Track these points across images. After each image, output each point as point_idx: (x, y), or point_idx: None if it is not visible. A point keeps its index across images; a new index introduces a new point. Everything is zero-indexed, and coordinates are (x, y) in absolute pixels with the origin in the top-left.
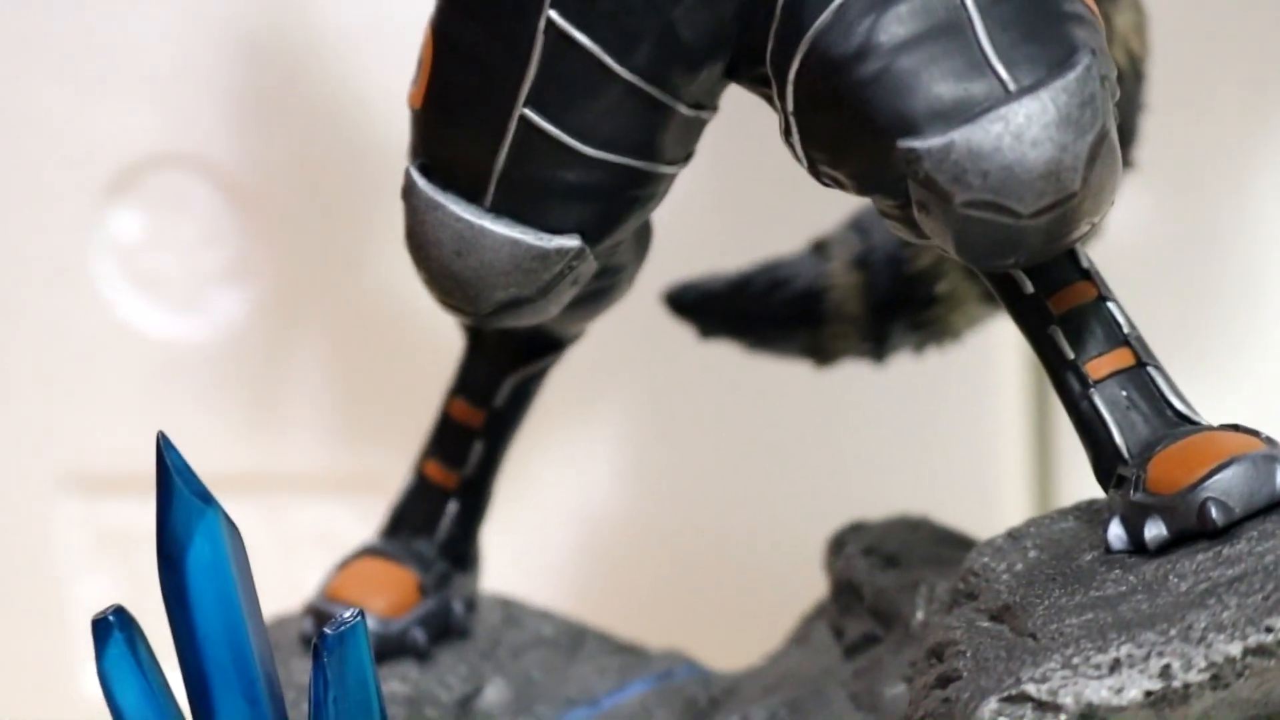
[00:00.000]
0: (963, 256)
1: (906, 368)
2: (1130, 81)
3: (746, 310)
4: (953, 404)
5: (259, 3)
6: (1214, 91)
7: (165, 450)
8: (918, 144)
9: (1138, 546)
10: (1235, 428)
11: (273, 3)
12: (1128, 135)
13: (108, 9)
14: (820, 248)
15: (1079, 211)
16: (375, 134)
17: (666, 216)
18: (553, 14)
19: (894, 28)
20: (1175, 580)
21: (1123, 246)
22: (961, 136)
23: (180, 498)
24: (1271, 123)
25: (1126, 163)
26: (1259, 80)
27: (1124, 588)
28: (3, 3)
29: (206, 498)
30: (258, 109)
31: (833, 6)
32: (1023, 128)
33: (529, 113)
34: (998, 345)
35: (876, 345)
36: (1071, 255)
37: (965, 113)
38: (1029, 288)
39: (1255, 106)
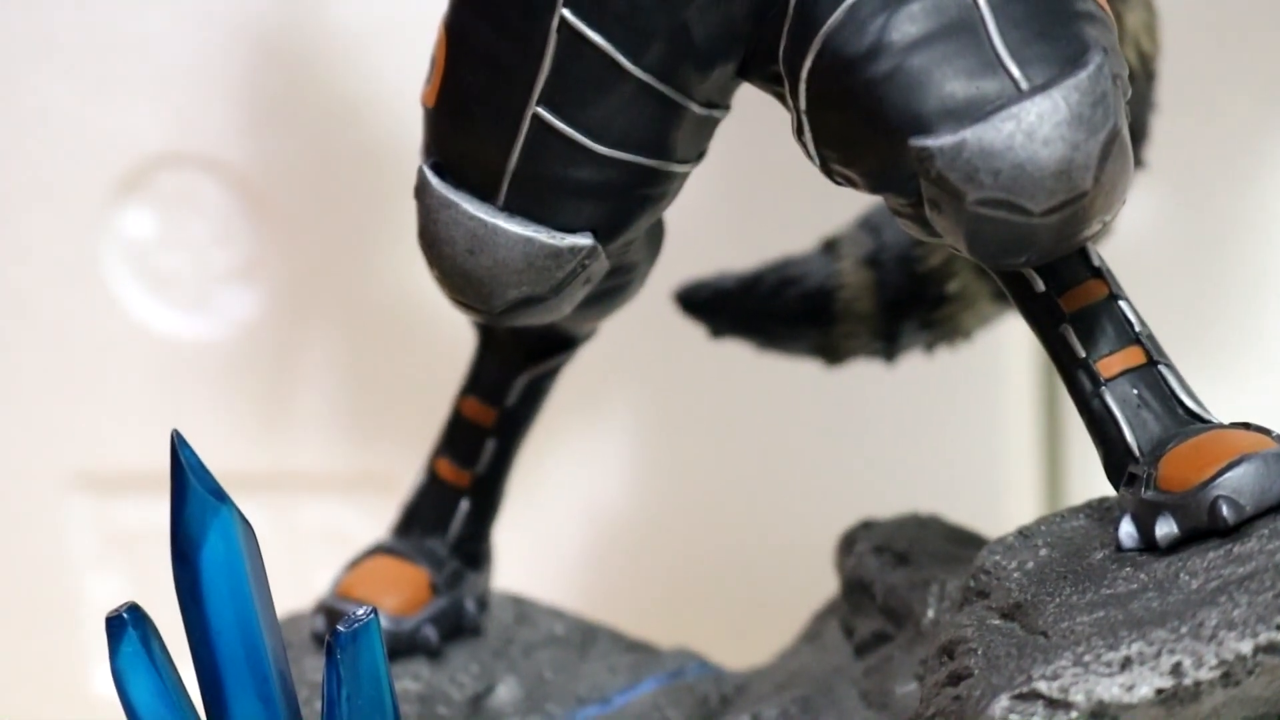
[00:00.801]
0: (975, 255)
1: (917, 366)
2: (1141, 80)
3: (757, 309)
4: (963, 402)
5: (271, 2)
6: (1224, 91)
7: (179, 447)
8: (930, 142)
9: (1149, 544)
10: (1246, 426)
11: (284, 2)
12: (1139, 134)
13: (119, 8)
14: (831, 246)
15: (1090, 210)
16: (386, 133)
17: (678, 215)
18: (566, 13)
19: (906, 26)
20: (1186, 578)
21: (1133, 245)
22: (973, 135)
23: (194, 495)
24: None
25: (1137, 161)
26: (1269, 79)
27: (1135, 585)
28: (14, 2)
29: (221, 495)
30: (269, 108)
31: (845, 5)
32: (1034, 126)
33: (542, 111)
34: (1008, 344)
35: (887, 344)
36: (1083, 254)
37: (977, 111)
38: (1040, 286)
39: (1266, 105)
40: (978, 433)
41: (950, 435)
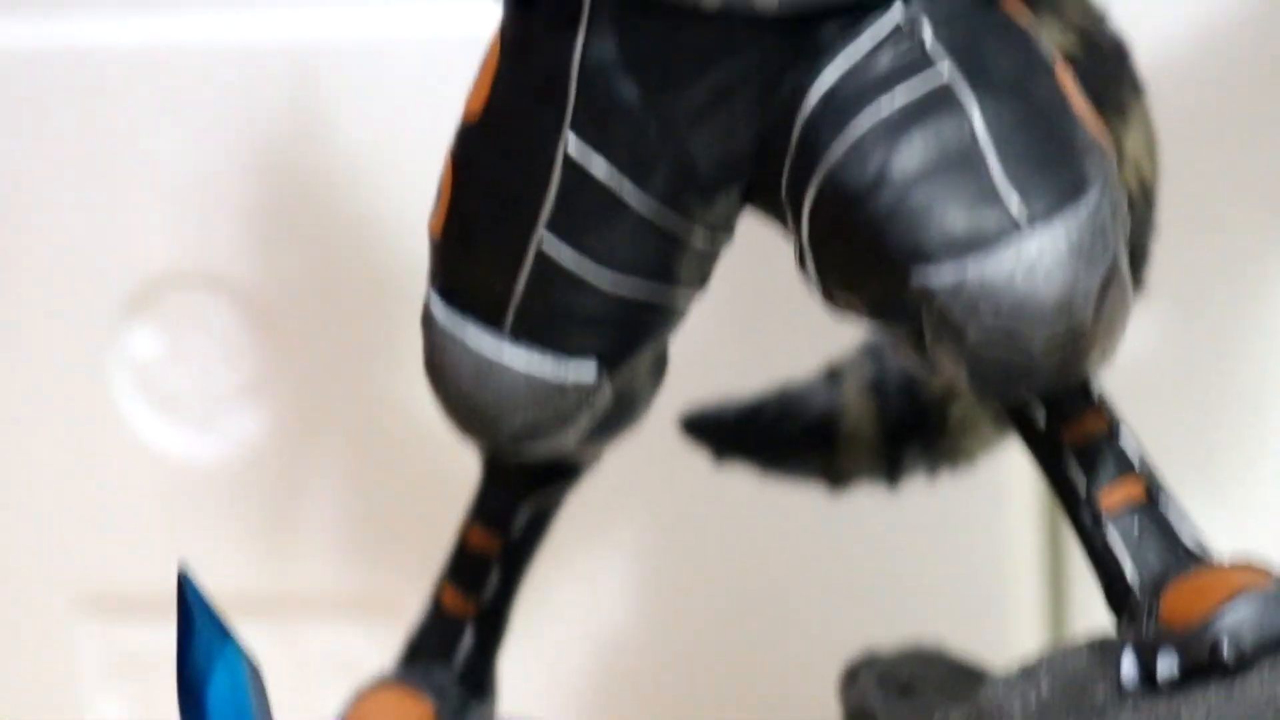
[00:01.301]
0: (975, 387)
1: (919, 489)
2: (1141, 206)
3: (760, 436)
4: (965, 525)
5: (277, 122)
6: (1225, 207)
7: (185, 584)
8: (932, 279)
9: (1150, 682)
10: (1246, 563)
11: (291, 122)
12: (1139, 259)
13: (124, 126)
14: (834, 374)
15: (1090, 343)
16: (393, 254)
17: (681, 341)
18: (571, 139)
19: (908, 160)
20: (1188, 717)
21: (1132, 366)
22: (974, 269)
23: (200, 632)
24: None
25: (1137, 284)
26: (1270, 201)
27: None
28: (18, 120)
29: (226, 632)
30: (276, 228)
31: (848, 138)
32: (1035, 260)
33: (548, 239)
34: (1010, 467)
35: (890, 470)
36: (1083, 385)
37: (978, 245)
38: (1040, 418)
39: (1266, 227)
40: (981, 553)
41: (953, 556)
